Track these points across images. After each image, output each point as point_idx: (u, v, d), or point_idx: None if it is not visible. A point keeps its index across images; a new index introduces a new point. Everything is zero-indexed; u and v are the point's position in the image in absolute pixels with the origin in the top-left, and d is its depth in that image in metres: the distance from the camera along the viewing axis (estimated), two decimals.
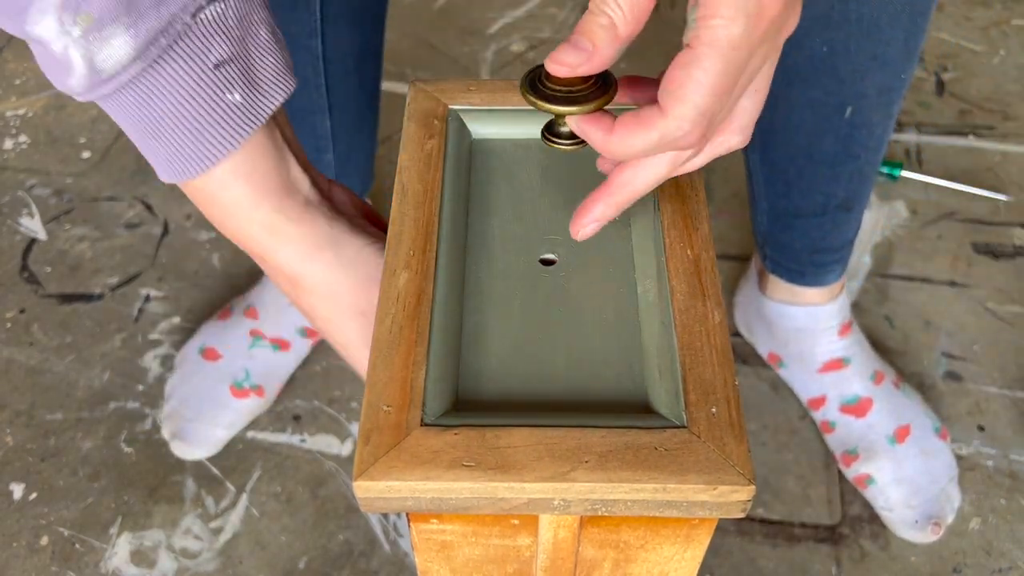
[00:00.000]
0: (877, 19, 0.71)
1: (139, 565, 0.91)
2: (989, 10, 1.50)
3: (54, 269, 1.14)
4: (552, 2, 1.51)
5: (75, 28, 0.38)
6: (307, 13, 0.78)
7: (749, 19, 0.34)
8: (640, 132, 0.37)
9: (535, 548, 0.43)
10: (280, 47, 0.45)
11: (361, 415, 0.39)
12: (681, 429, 0.38)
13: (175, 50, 0.40)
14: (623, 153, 0.38)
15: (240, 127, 0.43)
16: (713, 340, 0.41)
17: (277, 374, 1.01)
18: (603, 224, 0.42)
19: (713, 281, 0.44)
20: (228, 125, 0.43)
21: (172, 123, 0.42)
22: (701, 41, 0.35)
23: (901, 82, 0.76)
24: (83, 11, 0.38)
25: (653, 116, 0.37)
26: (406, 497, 0.37)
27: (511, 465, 0.37)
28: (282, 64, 0.45)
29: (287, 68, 0.45)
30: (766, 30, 0.35)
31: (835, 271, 0.95)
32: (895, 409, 0.96)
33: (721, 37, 0.35)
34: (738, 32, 0.34)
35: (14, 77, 1.38)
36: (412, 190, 0.47)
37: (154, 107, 0.42)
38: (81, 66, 0.39)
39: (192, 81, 0.41)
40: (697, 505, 0.37)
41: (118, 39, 0.39)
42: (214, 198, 0.46)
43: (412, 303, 0.42)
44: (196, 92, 0.42)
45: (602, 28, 0.37)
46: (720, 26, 0.34)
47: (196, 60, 0.41)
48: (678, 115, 0.36)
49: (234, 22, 0.42)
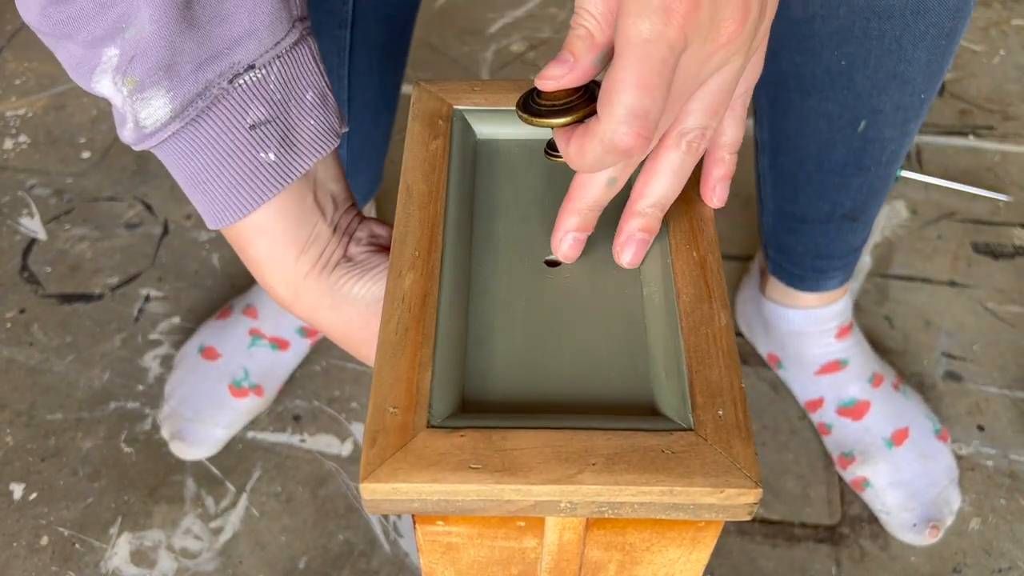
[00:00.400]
0: (900, 38, 0.70)
1: (139, 565, 0.90)
2: (989, 10, 1.50)
3: (54, 269, 1.13)
4: (552, 2, 1.51)
5: (124, 88, 0.43)
6: (340, 3, 0.78)
7: (656, 13, 0.35)
8: (586, 141, 0.39)
9: (540, 550, 0.43)
10: (326, 109, 0.48)
11: (367, 417, 0.38)
12: (688, 432, 0.38)
13: (212, 112, 0.44)
14: (580, 164, 0.40)
15: (270, 184, 0.46)
16: (719, 342, 0.41)
17: (276, 374, 1.01)
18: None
19: (719, 283, 0.44)
20: (258, 182, 0.46)
21: (209, 176, 0.46)
22: (617, 42, 0.36)
23: (921, 102, 0.75)
24: (129, 74, 0.42)
25: (593, 123, 0.39)
26: (412, 499, 0.37)
27: (517, 467, 0.37)
28: (324, 126, 0.48)
29: (329, 129, 0.48)
30: (682, 23, 0.36)
31: (836, 278, 0.94)
32: (893, 412, 0.96)
33: (632, 35, 0.36)
34: (647, 27, 0.35)
35: (14, 77, 1.38)
36: (417, 191, 0.47)
37: (193, 161, 0.46)
38: (131, 121, 0.44)
39: (227, 140, 0.45)
40: (704, 508, 0.37)
41: (158, 100, 0.43)
42: (243, 251, 0.50)
43: (417, 304, 0.42)
44: (230, 150, 0.45)
45: (579, 39, 0.39)
46: (629, 24, 0.36)
47: (231, 121, 0.44)
48: (613, 118, 0.37)
49: (276, 86, 0.45)
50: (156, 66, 0.42)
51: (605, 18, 0.38)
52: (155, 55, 0.41)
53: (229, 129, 0.45)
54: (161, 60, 0.42)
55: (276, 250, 0.49)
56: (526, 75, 1.39)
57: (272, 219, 0.48)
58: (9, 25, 1.46)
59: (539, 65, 1.40)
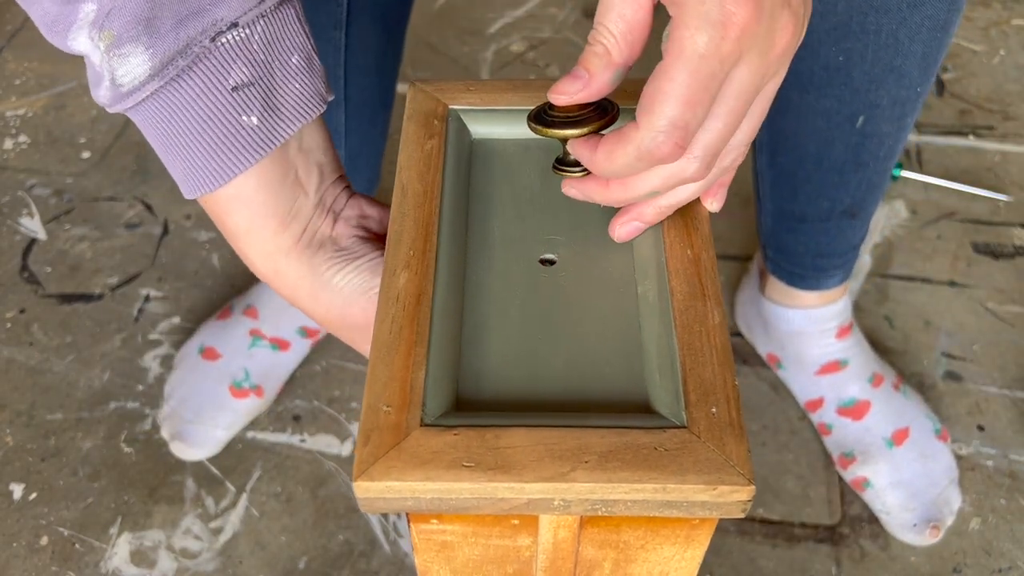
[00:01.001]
0: (896, 32, 0.70)
1: (139, 565, 0.91)
2: (989, 10, 1.50)
3: (54, 269, 1.14)
4: (552, 2, 1.51)
5: (101, 43, 0.41)
6: (335, 5, 0.78)
7: (714, 28, 0.35)
8: (619, 147, 0.39)
9: (535, 548, 0.43)
10: (312, 73, 0.46)
11: (361, 415, 0.39)
12: (681, 429, 0.38)
13: (193, 71, 0.42)
14: (609, 169, 0.40)
15: (253, 150, 0.45)
16: (713, 340, 0.41)
17: (276, 374, 1.01)
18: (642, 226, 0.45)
19: (713, 281, 0.44)
20: (239, 146, 0.44)
21: (188, 140, 0.44)
22: (669, 53, 0.36)
23: (916, 95, 0.76)
24: (106, 28, 0.40)
25: (630, 131, 0.39)
26: (406, 497, 0.37)
27: (511, 465, 0.37)
28: (310, 91, 0.46)
29: (315, 94, 0.46)
30: (737, 38, 0.36)
31: (836, 276, 0.94)
32: (894, 412, 0.96)
33: (687, 47, 0.36)
34: (703, 41, 0.35)
35: (14, 77, 1.38)
36: (412, 190, 0.47)
37: (172, 123, 0.44)
38: (107, 79, 0.42)
39: (208, 102, 0.43)
40: (697, 505, 0.37)
41: (137, 57, 0.41)
42: (222, 222, 0.48)
43: (412, 303, 0.42)
44: (211, 112, 0.43)
45: (596, 56, 0.39)
46: (686, 37, 0.35)
47: (212, 82, 0.43)
48: (650, 127, 0.37)
49: (260, 46, 0.43)
50: (134, 20, 0.40)
51: (624, 37, 0.38)
52: (133, 8, 0.40)
53: (210, 90, 0.43)
54: (139, 14, 0.40)
55: (256, 222, 0.47)
56: (526, 75, 1.39)
57: (252, 188, 0.46)
58: (9, 25, 1.46)
59: (539, 65, 1.40)
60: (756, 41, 0.36)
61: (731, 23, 0.35)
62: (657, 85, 0.37)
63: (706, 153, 0.40)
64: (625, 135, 0.39)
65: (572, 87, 0.40)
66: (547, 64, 1.40)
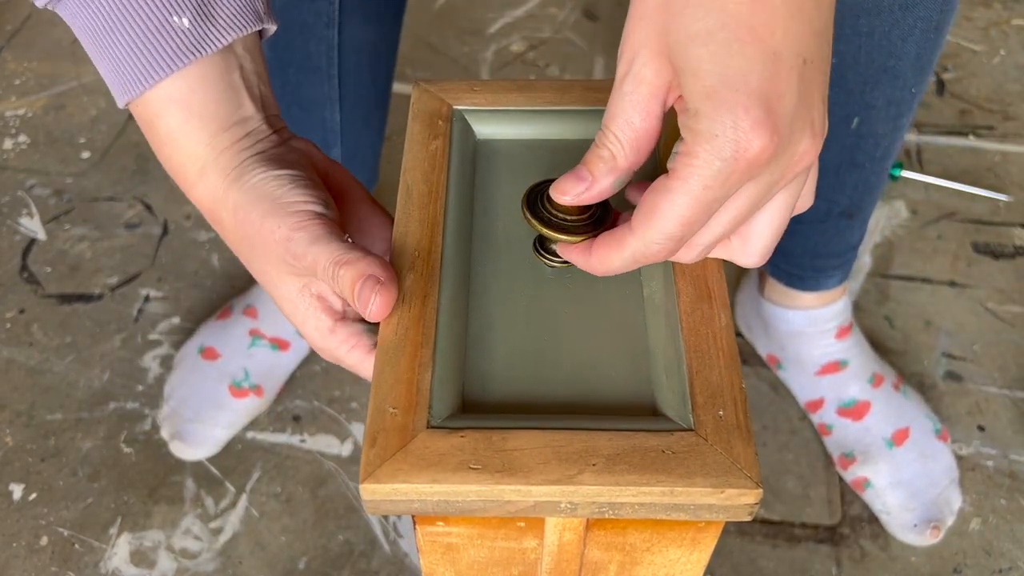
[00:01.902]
0: (889, 33, 0.70)
1: (139, 565, 0.90)
2: (989, 10, 1.50)
3: (54, 269, 1.13)
4: (552, 2, 1.51)
5: None
6: (326, 3, 0.78)
7: (724, 162, 0.35)
8: (615, 252, 0.39)
9: (540, 551, 0.43)
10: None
11: (367, 417, 0.38)
12: (688, 432, 0.38)
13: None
14: (604, 271, 0.41)
15: (182, 52, 0.44)
16: (720, 342, 0.41)
17: (276, 374, 1.01)
18: None
19: (719, 283, 0.44)
20: (170, 48, 0.43)
21: (116, 38, 0.43)
22: (677, 175, 0.36)
23: (911, 95, 0.76)
24: None
25: (625, 236, 0.39)
26: (412, 500, 0.37)
27: (518, 468, 0.37)
28: (246, 6, 0.45)
29: (251, 11, 0.45)
30: (746, 170, 0.35)
31: (835, 277, 0.94)
32: (894, 412, 0.96)
33: (693, 176, 0.35)
34: (710, 173, 0.35)
35: (14, 77, 1.37)
36: (417, 191, 0.47)
37: (98, 19, 0.43)
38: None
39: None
40: (704, 508, 0.37)
41: None
42: (152, 125, 0.46)
43: (417, 305, 0.42)
44: (139, 9, 0.42)
45: (601, 160, 0.39)
46: (695, 165, 0.35)
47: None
48: (647, 239, 0.38)
49: None
50: None
51: (631, 145, 0.38)
52: None
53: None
54: None
55: (192, 123, 0.45)
56: (526, 75, 1.39)
57: (188, 89, 0.44)
58: (9, 25, 1.46)
59: (539, 65, 1.40)
60: (770, 167, 0.36)
61: (743, 157, 0.34)
62: (657, 201, 0.37)
63: (703, 249, 0.40)
64: (620, 241, 0.39)
65: (575, 188, 0.40)
66: (547, 64, 1.40)
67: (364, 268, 0.42)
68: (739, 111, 0.34)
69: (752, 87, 0.34)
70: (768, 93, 0.34)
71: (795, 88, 0.34)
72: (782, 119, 0.34)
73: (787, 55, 0.34)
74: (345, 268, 0.42)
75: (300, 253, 0.43)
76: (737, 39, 0.33)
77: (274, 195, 0.45)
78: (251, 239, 0.45)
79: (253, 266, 0.47)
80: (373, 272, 0.42)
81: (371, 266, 0.42)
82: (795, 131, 0.35)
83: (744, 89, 0.34)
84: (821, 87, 0.36)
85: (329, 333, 0.46)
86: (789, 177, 0.37)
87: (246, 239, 0.46)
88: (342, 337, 0.46)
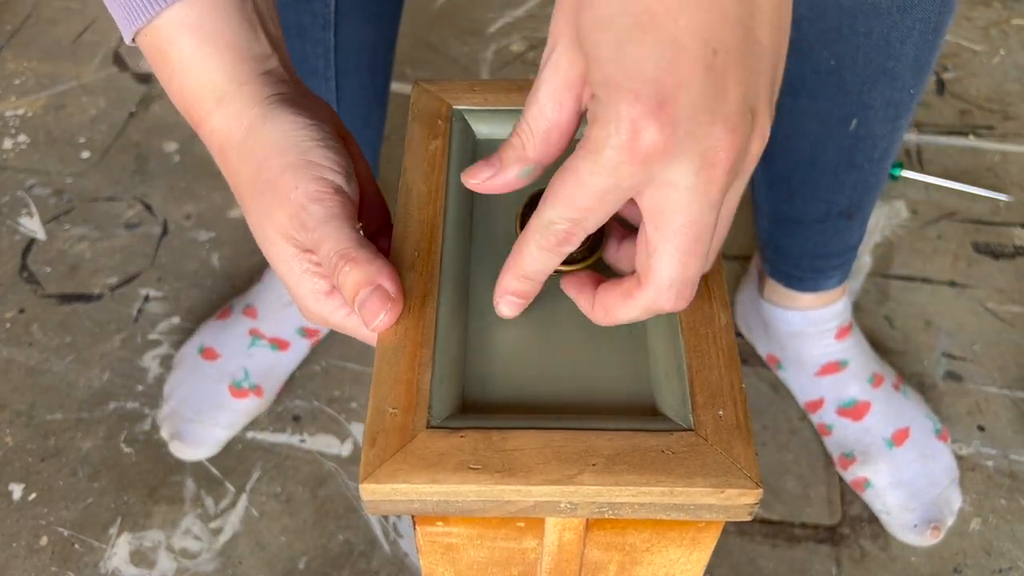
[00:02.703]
0: (887, 34, 0.70)
1: (139, 565, 0.90)
2: (989, 10, 1.50)
3: (54, 269, 1.13)
4: (552, 2, 1.50)
5: None
6: (322, 4, 0.78)
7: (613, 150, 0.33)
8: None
9: (540, 551, 0.43)
10: None
11: (367, 417, 0.38)
12: (688, 432, 0.38)
13: None
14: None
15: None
16: (720, 342, 0.41)
17: (276, 374, 1.01)
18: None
19: (719, 283, 0.44)
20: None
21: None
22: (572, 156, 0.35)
23: (910, 96, 0.76)
24: None
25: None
26: (412, 500, 0.37)
27: (518, 468, 0.37)
28: None
29: None
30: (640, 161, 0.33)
31: (834, 277, 0.94)
32: (894, 412, 0.96)
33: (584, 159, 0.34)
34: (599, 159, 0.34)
35: (14, 77, 1.37)
36: (416, 191, 0.47)
37: None
38: None
39: None
40: (704, 508, 0.37)
41: None
42: (163, 54, 0.44)
43: (417, 305, 0.42)
44: None
45: (511, 148, 0.38)
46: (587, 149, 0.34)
47: None
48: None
49: None
50: None
51: (541, 135, 0.37)
52: None
53: None
54: None
55: (205, 48, 0.43)
56: (526, 75, 1.39)
57: (199, 15, 0.42)
58: (9, 25, 1.45)
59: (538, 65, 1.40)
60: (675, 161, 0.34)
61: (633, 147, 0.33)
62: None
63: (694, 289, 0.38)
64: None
65: (483, 174, 0.39)
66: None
67: (372, 274, 0.41)
68: (631, 99, 0.32)
69: (647, 76, 0.32)
70: (664, 82, 0.32)
71: (699, 79, 0.32)
72: (680, 110, 0.32)
73: (691, 44, 0.32)
74: (351, 266, 0.41)
75: (311, 227, 0.42)
76: (639, 25, 0.32)
77: (301, 147, 0.43)
78: (261, 185, 0.43)
79: (252, 214, 0.45)
80: (382, 282, 0.41)
81: (380, 274, 0.41)
82: (700, 124, 0.33)
83: (639, 77, 0.32)
84: (742, 80, 0.33)
85: (325, 297, 0.44)
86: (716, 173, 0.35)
87: (256, 183, 0.43)
88: (339, 302, 0.44)
